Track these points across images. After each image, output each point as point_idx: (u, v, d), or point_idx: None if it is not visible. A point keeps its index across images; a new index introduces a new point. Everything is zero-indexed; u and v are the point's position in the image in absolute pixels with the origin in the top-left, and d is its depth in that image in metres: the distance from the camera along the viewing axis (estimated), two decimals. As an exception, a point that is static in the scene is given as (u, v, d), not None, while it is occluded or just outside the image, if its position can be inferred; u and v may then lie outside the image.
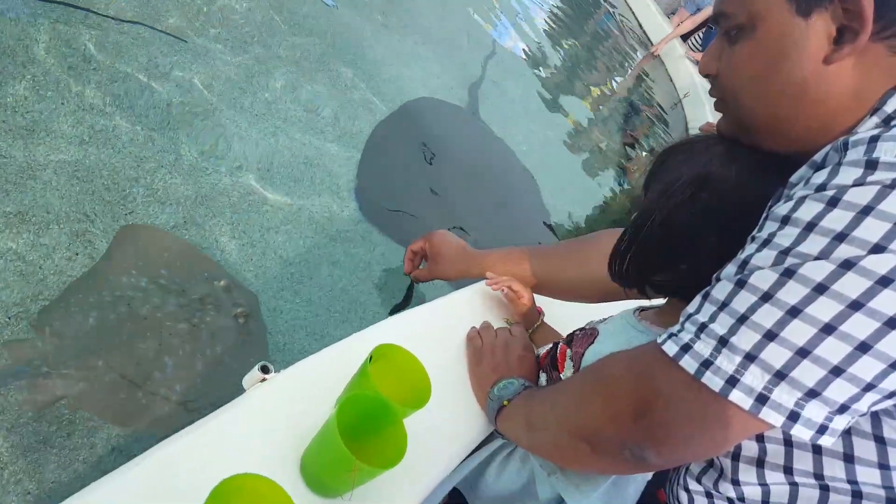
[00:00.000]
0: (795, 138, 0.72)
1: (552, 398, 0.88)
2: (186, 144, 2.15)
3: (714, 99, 0.81)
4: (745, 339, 0.58)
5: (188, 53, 2.40)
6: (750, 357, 0.57)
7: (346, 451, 0.69)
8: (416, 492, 0.87)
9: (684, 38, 7.85)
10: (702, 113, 6.16)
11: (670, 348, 0.64)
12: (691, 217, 0.80)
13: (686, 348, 0.63)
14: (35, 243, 1.64)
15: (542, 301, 1.34)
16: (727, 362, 0.59)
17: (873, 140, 0.55)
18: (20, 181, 1.71)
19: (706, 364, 0.60)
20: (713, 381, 0.60)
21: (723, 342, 0.59)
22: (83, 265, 1.67)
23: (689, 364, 0.62)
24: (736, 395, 0.58)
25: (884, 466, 0.61)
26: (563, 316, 1.34)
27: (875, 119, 0.64)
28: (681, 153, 0.86)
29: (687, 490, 0.77)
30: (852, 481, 0.62)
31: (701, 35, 7.62)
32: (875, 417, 0.60)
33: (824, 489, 0.64)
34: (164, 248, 1.84)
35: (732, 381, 0.58)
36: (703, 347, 0.61)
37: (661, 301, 1.02)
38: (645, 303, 1.05)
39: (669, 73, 7.77)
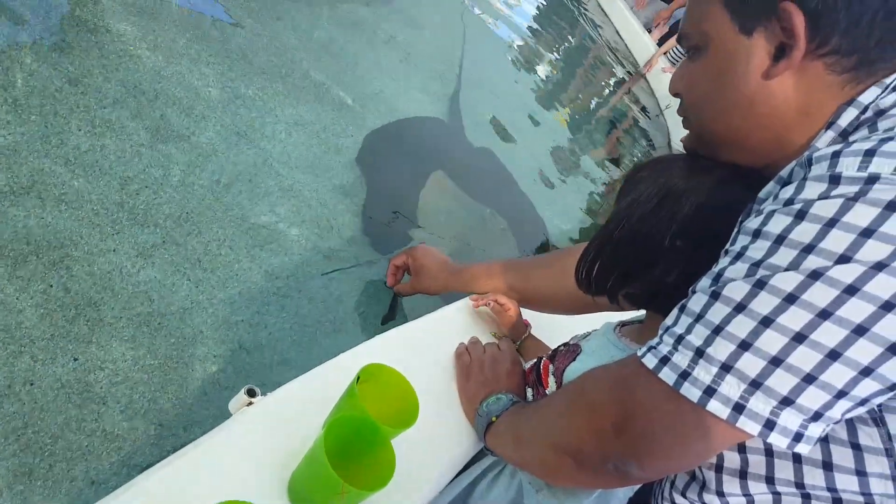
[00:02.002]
0: (752, 150, 0.75)
1: (538, 414, 0.89)
2: (171, 162, 2.14)
3: (682, 119, 0.84)
4: (721, 349, 0.59)
5: (173, 76, 2.40)
6: (726, 367, 0.58)
7: (333, 474, 0.69)
8: (405, 512, 0.87)
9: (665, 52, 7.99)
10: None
11: (649, 361, 0.65)
12: (654, 227, 0.82)
13: (665, 360, 0.64)
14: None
15: (530, 314, 1.35)
16: (704, 373, 0.60)
17: (835, 155, 0.57)
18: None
19: (684, 375, 0.61)
20: (691, 391, 0.60)
21: (699, 353, 0.60)
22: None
23: (667, 376, 0.63)
24: (714, 405, 0.59)
25: (861, 473, 0.62)
26: (551, 328, 1.35)
27: (831, 133, 0.66)
28: (648, 169, 0.89)
29: (673, 503, 0.77)
30: (832, 489, 0.63)
31: (678, 50, 7.74)
32: (851, 425, 0.62)
33: (806, 497, 0.65)
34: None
35: (710, 392, 0.59)
36: (681, 359, 0.62)
37: (641, 313, 1.03)
38: (625, 316, 1.06)
39: (651, 86, 7.87)
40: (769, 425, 0.57)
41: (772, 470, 0.66)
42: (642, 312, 1.01)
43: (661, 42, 8.30)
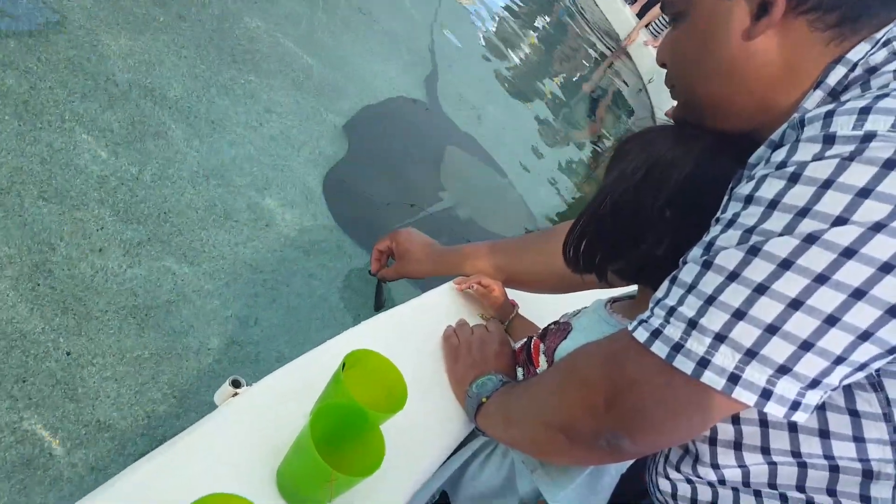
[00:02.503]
0: (738, 115, 0.74)
1: (528, 392, 0.88)
2: (147, 159, 2.11)
3: (669, 89, 0.83)
4: (714, 319, 0.57)
5: (144, 65, 2.35)
6: (720, 337, 0.57)
7: (321, 462, 0.68)
8: (397, 498, 0.86)
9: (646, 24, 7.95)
10: (667, 98, 6.20)
11: (640, 335, 0.64)
12: (642, 199, 0.81)
13: (656, 333, 0.62)
14: None
15: (517, 294, 1.34)
16: (697, 344, 0.58)
17: (829, 115, 0.55)
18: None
19: (677, 347, 0.60)
20: (685, 363, 0.59)
21: (692, 324, 0.59)
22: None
23: (659, 349, 0.62)
24: (708, 377, 0.58)
25: (858, 439, 0.61)
26: (539, 307, 1.34)
27: (820, 93, 0.65)
28: (635, 141, 0.87)
29: (668, 478, 0.76)
30: (829, 456, 0.62)
31: (663, 19, 7.71)
32: (848, 391, 0.61)
33: (802, 466, 0.64)
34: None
35: (704, 363, 0.58)
36: (673, 331, 0.61)
37: (631, 289, 1.02)
38: (616, 292, 1.05)
39: (634, 60, 7.84)
40: (766, 395, 0.56)
41: (767, 440, 0.65)
42: (633, 288, 1.00)
43: (641, 14, 8.25)
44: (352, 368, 0.85)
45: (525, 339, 1.14)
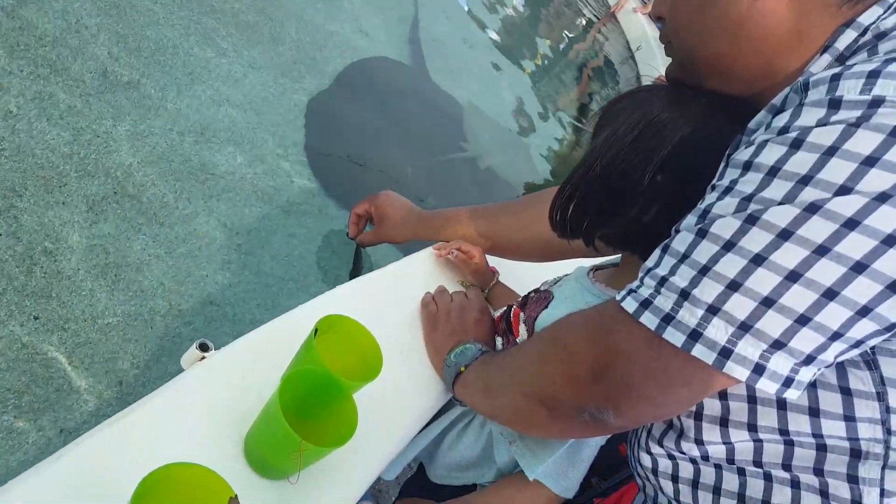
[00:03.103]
0: (740, 78, 0.71)
1: (509, 362, 0.85)
2: (119, 111, 2.02)
3: (664, 45, 0.79)
4: (708, 290, 0.55)
5: (113, 10, 2.25)
6: (713, 309, 0.55)
7: (290, 431, 0.65)
8: (369, 468, 0.84)
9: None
10: (655, 65, 6.15)
11: (629, 305, 0.61)
12: (633, 161, 0.78)
13: (646, 304, 0.60)
14: None
15: (497, 260, 1.31)
16: (689, 316, 0.56)
17: (835, 78, 0.52)
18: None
19: (667, 319, 0.57)
20: (675, 336, 0.57)
21: (684, 295, 0.57)
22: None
23: (649, 320, 0.59)
24: (699, 350, 0.56)
25: (849, 418, 0.59)
26: (519, 274, 1.32)
27: (827, 57, 0.62)
28: (627, 100, 0.83)
29: (649, 453, 0.75)
30: (817, 434, 0.61)
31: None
32: (841, 369, 0.59)
33: (789, 444, 0.63)
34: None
35: (695, 336, 0.56)
36: (664, 302, 0.58)
37: (615, 258, 0.99)
38: (600, 260, 1.02)
39: (622, 27, 7.74)
40: (758, 370, 0.54)
41: (754, 417, 0.64)
42: (617, 257, 0.98)
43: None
44: (325, 334, 0.82)
45: (505, 308, 1.11)
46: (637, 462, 0.78)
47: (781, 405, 0.62)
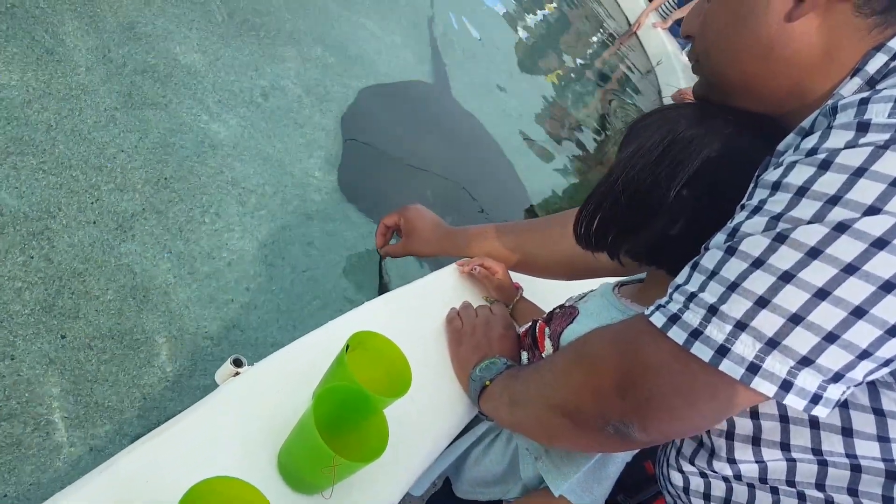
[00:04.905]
0: (768, 97, 0.71)
1: (536, 374, 0.86)
2: (149, 128, 2.07)
3: (692, 63, 0.80)
4: (736, 306, 0.55)
5: (143, 37, 2.31)
6: (741, 325, 0.55)
7: (323, 447, 0.66)
8: (400, 483, 0.85)
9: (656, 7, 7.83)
10: (675, 80, 6.14)
11: (658, 319, 0.62)
12: (658, 177, 0.78)
13: (674, 319, 0.60)
14: None
15: (520, 277, 1.32)
16: (717, 331, 0.56)
17: (863, 102, 0.53)
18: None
19: (695, 334, 0.58)
20: (703, 350, 0.57)
21: (713, 311, 0.57)
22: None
23: (677, 334, 0.59)
24: (726, 365, 0.56)
25: (883, 439, 0.59)
26: (543, 291, 1.32)
27: (858, 80, 0.62)
28: (654, 116, 0.84)
29: (680, 471, 0.75)
30: (851, 455, 0.60)
31: (673, 1, 7.59)
32: (873, 390, 0.59)
33: (822, 464, 0.62)
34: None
35: (723, 351, 0.56)
36: (693, 317, 0.58)
37: (640, 276, 1.00)
38: (624, 278, 1.03)
39: (642, 42, 7.75)
40: (786, 386, 0.54)
41: (787, 436, 0.63)
42: (643, 273, 0.98)
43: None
44: (355, 350, 0.83)
45: (530, 323, 1.12)
46: (667, 480, 0.78)
47: (814, 425, 0.62)
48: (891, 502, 0.59)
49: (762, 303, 0.54)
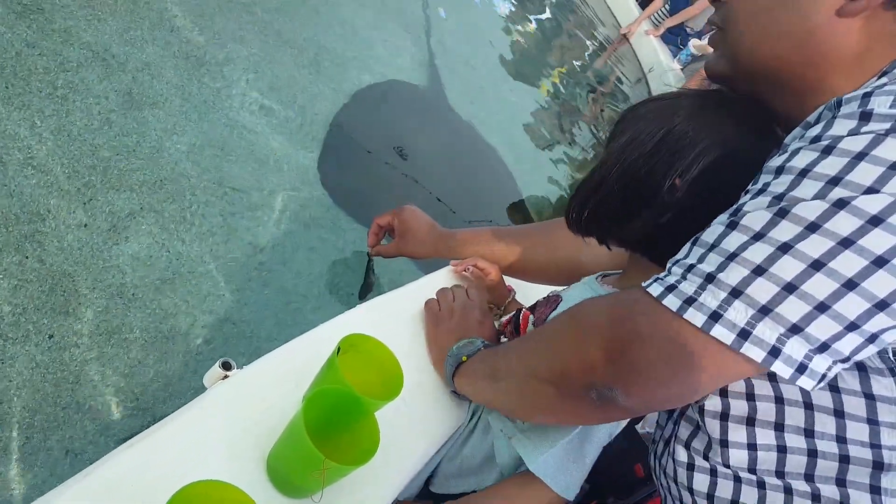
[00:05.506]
0: (788, 87, 0.70)
1: (520, 346, 0.85)
2: (143, 128, 2.06)
3: (711, 32, 0.78)
4: (733, 274, 0.57)
5: (141, 37, 2.30)
6: (735, 292, 0.56)
7: (313, 450, 0.65)
8: (390, 487, 0.84)
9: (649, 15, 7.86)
10: (666, 88, 6.16)
11: (654, 289, 0.62)
12: (652, 168, 0.78)
13: (671, 288, 0.61)
14: None
15: (513, 280, 1.32)
16: (711, 298, 0.58)
17: (867, 95, 0.55)
18: None
19: (689, 301, 0.59)
20: (696, 316, 0.58)
21: (709, 279, 0.58)
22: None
23: (671, 302, 0.60)
24: (718, 331, 0.57)
25: (872, 422, 0.61)
26: (536, 294, 1.32)
27: (885, 81, 0.62)
28: (648, 107, 0.84)
29: (673, 458, 0.74)
30: (841, 438, 0.62)
31: (665, 9, 7.62)
32: (864, 375, 0.61)
33: (812, 454, 0.63)
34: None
35: (715, 317, 0.57)
36: (689, 286, 0.60)
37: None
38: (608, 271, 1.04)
39: (634, 50, 7.78)
40: (774, 352, 0.55)
41: (781, 416, 0.64)
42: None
43: (644, 4, 8.15)
44: (347, 353, 0.83)
45: (514, 312, 1.12)
46: (661, 471, 0.78)
47: (808, 406, 0.63)
48: (878, 492, 0.61)
49: (759, 271, 0.55)
